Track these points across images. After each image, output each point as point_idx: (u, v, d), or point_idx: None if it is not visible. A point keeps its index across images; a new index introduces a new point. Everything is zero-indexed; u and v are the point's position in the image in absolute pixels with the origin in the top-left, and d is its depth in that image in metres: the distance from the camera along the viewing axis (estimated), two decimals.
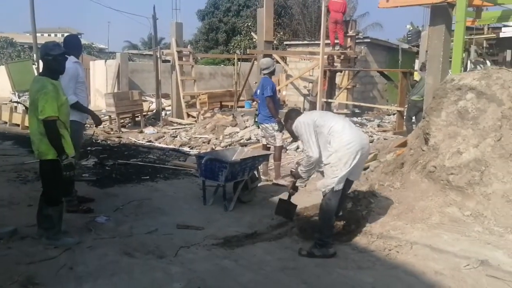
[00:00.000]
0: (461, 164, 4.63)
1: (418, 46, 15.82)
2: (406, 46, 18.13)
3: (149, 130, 11.94)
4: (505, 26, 13.10)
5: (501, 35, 13.74)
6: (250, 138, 10.29)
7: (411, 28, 20.42)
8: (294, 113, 4.68)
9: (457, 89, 5.07)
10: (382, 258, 3.99)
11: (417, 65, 14.43)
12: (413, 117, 10.22)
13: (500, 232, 4.06)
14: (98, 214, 5.08)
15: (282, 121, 5.91)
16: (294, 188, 4.87)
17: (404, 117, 10.78)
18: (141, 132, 11.78)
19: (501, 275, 3.48)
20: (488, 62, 14.22)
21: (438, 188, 4.71)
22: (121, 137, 11.06)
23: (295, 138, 4.80)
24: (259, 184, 6.17)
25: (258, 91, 6.98)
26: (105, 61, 18.92)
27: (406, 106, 10.66)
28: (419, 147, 5.41)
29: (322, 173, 4.42)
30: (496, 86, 4.82)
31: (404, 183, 5.15)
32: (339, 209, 4.66)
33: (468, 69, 13.12)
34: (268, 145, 7.09)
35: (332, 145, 4.16)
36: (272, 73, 7.03)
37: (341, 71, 13.86)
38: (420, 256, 3.88)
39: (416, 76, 11.35)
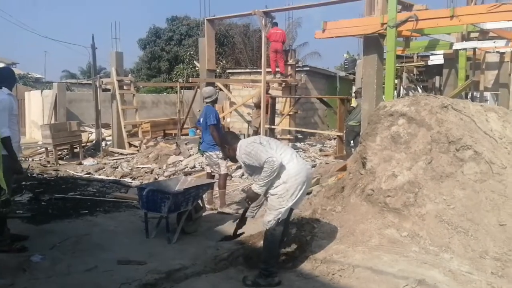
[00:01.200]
0: (396, 186, 4.82)
1: (354, 73, 16.56)
2: (343, 73, 18.96)
3: (88, 161, 11.55)
4: (432, 54, 14.04)
5: (430, 62, 14.72)
6: (194, 167, 10.20)
7: (348, 57, 21.47)
8: (230, 137, 4.51)
9: (389, 115, 5.32)
10: (326, 283, 4.04)
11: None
12: (352, 142, 10.60)
13: (435, 251, 4.23)
14: (33, 253, 4.78)
15: None
16: (242, 221, 4.79)
17: (344, 141, 11.15)
18: (80, 164, 11.37)
19: None
20: (419, 88, 15.11)
21: (376, 211, 4.86)
22: (58, 170, 10.61)
23: (234, 161, 4.59)
24: (203, 214, 6.10)
25: (201, 119, 6.99)
26: (42, 91, 18.21)
27: (345, 131, 11.04)
28: (357, 171, 5.58)
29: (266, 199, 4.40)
30: (424, 112, 5.10)
31: (345, 207, 5.27)
32: (284, 236, 4.58)
33: (401, 94, 13.88)
34: (212, 173, 7.05)
35: (279, 175, 4.10)
36: (214, 101, 7.09)
37: (274, 107, 13.81)
38: (362, 279, 3.96)
39: (353, 103, 11.84)
